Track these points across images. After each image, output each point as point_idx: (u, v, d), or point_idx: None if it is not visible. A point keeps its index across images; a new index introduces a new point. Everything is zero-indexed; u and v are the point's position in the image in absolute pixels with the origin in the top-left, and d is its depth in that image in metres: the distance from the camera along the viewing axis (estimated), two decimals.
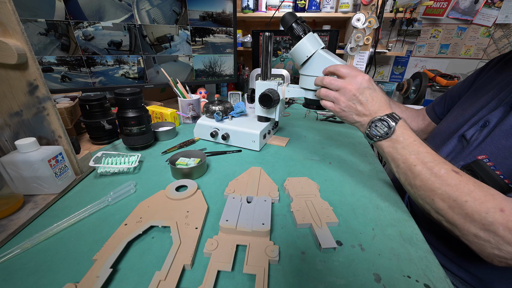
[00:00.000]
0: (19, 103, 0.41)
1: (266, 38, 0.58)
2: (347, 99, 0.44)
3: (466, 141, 0.46)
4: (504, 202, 0.31)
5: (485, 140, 0.42)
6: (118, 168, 0.51)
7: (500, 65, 0.52)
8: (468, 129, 0.47)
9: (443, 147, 0.50)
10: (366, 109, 0.43)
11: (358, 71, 0.44)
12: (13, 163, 0.39)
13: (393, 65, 1.90)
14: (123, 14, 0.77)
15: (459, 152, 0.47)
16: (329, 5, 1.37)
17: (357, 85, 0.43)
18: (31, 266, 0.31)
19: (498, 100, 0.45)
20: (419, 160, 0.37)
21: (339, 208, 0.43)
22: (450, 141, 0.49)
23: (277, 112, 0.63)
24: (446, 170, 0.35)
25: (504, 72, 0.50)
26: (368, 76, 0.44)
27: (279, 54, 1.24)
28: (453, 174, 0.34)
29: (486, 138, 0.42)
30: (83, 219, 0.39)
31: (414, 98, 1.67)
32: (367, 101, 0.43)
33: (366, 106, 0.43)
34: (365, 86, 0.43)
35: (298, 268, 0.31)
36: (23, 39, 0.37)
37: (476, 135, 0.45)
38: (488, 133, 0.43)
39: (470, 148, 0.44)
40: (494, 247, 0.30)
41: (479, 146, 0.43)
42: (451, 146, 0.49)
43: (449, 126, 0.53)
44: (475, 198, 0.32)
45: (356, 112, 0.44)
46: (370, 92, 0.43)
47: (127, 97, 0.57)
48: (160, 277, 0.28)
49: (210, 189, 0.48)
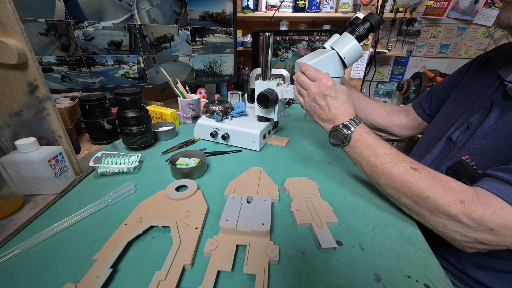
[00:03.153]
0: (19, 103, 0.41)
1: (266, 38, 0.58)
2: (310, 99, 0.48)
3: (452, 143, 0.48)
4: (463, 193, 0.33)
5: (468, 141, 0.44)
6: (118, 168, 0.51)
7: (482, 63, 0.53)
8: (454, 132, 0.49)
9: (432, 149, 0.52)
10: (325, 114, 0.46)
11: (323, 76, 0.46)
12: (13, 163, 0.39)
13: (393, 65, 1.90)
14: (123, 14, 0.77)
15: (447, 154, 0.49)
16: (329, 5, 1.37)
17: (318, 89, 0.46)
18: (31, 266, 0.31)
19: (480, 103, 0.47)
20: (379, 162, 0.40)
21: (339, 208, 0.43)
22: (438, 143, 0.51)
23: (276, 112, 0.63)
24: (404, 168, 0.37)
25: (485, 72, 0.51)
26: (331, 82, 0.45)
27: (279, 54, 1.24)
28: (412, 172, 0.36)
29: (469, 139, 0.45)
30: (83, 219, 0.39)
31: (414, 98, 1.67)
32: (326, 107, 0.46)
33: (324, 111, 0.46)
34: (326, 93, 0.45)
35: (298, 268, 0.31)
36: (23, 39, 0.37)
37: (461, 137, 0.47)
38: (471, 135, 0.45)
39: (455, 150, 0.47)
40: (462, 235, 0.33)
41: (463, 147, 0.45)
42: (439, 148, 0.51)
43: (438, 129, 0.55)
44: (436, 193, 0.34)
45: (317, 115, 0.48)
46: (330, 99, 0.45)
47: (127, 97, 0.57)
48: (160, 277, 0.28)
49: (210, 189, 0.48)
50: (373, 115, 0.69)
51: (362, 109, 0.68)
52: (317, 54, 0.51)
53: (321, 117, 0.47)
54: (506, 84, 0.42)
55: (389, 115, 0.69)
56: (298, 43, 1.20)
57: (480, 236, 0.32)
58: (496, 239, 0.31)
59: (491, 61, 0.51)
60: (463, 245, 0.34)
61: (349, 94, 0.47)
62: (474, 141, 0.44)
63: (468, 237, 0.33)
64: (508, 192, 0.31)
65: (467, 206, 0.32)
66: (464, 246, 0.34)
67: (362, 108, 0.68)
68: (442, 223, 0.34)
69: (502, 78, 0.44)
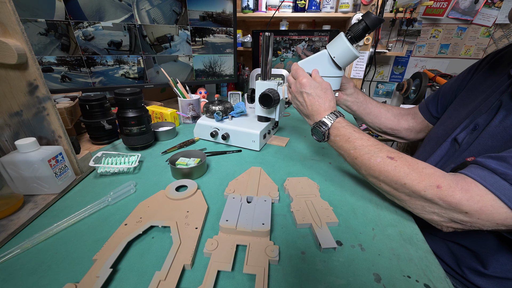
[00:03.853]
0: (19, 103, 0.41)
1: (266, 38, 0.58)
2: (292, 97, 0.53)
3: (458, 144, 0.47)
4: (441, 179, 0.34)
5: (474, 142, 0.44)
6: (118, 168, 0.51)
7: (492, 63, 0.52)
8: (460, 133, 0.48)
9: (437, 150, 0.51)
10: (305, 110, 0.49)
11: (300, 73, 0.50)
12: (13, 163, 0.39)
13: (393, 65, 1.90)
14: (123, 14, 0.77)
15: (451, 155, 0.48)
16: (329, 5, 1.37)
17: (295, 87, 0.50)
18: (31, 266, 0.31)
19: (488, 103, 0.46)
20: (358, 154, 0.42)
21: (339, 208, 0.43)
22: (443, 144, 0.50)
23: (277, 112, 0.63)
24: (381, 158, 0.39)
25: (495, 71, 0.50)
26: (305, 79, 0.48)
27: (279, 54, 1.24)
28: (389, 161, 0.39)
29: (474, 140, 0.44)
30: (83, 219, 0.39)
31: (414, 98, 1.67)
32: (304, 103, 0.49)
33: (303, 107, 0.50)
34: (301, 90, 0.49)
35: (298, 268, 0.31)
36: (23, 39, 0.37)
37: (467, 139, 0.46)
38: (477, 136, 0.44)
39: (460, 151, 0.46)
40: (438, 215, 0.35)
41: (468, 149, 0.44)
42: (444, 149, 0.50)
43: (443, 129, 0.54)
44: (412, 179, 0.36)
45: (300, 111, 0.52)
46: (306, 95, 0.48)
47: (127, 97, 0.57)
48: (160, 277, 0.28)
49: (210, 189, 0.48)
50: (380, 119, 0.68)
51: (369, 113, 0.67)
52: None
53: (303, 112, 0.51)
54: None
55: (396, 119, 0.68)
56: (298, 43, 1.20)
57: (454, 216, 0.34)
58: (470, 220, 0.33)
59: (501, 61, 0.50)
60: (440, 224, 0.36)
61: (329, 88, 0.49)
62: (480, 142, 0.43)
63: (444, 217, 0.35)
64: (491, 180, 0.32)
65: (444, 191, 0.33)
66: (442, 226, 0.36)
67: (369, 112, 0.67)
68: (421, 205, 0.36)
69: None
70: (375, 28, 0.46)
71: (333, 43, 0.49)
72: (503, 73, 0.47)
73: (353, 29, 0.47)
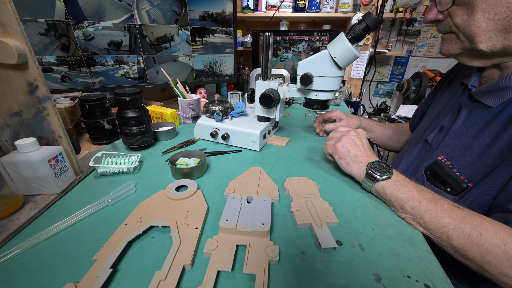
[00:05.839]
0: (19, 103, 0.41)
1: (266, 38, 0.58)
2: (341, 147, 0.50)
3: (429, 145, 0.53)
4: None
5: (442, 142, 0.48)
6: (118, 168, 0.51)
7: (449, 79, 0.60)
8: (429, 134, 0.54)
9: (413, 151, 0.56)
10: (358, 157, 0.48)
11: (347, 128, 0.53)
12: (13, 163, 0.39)
13: (393, 65, 1.90)
14: (123, 14, 0.77)
15: (424, 155, 0.53)
16: (329, 5, 1.37)
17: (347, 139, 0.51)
18: (31, 266, 0.31)
19: (449, 107, 0.53)
20: (422, 196, 0.38)
21: (339, 208, 0.43)
22: (417, 146, 0.56)
23: (278, 112, 0.63)
24: (448, 205, 0.36)
25: (452, 84, 0.58)
26: (353, 132, 0.50)
27: (279, 54, 1.24)
28: (456, 209, 0.35)
29: (442, 140, 0.49)
30: (83, 219, 0.39)
31: (414, 98, 1.67)
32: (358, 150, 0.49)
33: (358, 153, 0.48)
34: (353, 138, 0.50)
35: (298, 268, 0.31)
36: (23, 39, 0.37)
37: (436, 139, 0.52)
38: (444, 136, 0.49)
39: (431, 151, 0.51)
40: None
41: (438, 148, 0.49)
42: (417, 150, 0.56)
43: (417, 133, 0.61)
44: (487, 229, 0.31)
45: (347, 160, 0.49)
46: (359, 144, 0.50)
47: (127, 97, 0.57)
48: (160, 277, 0.28)
49: (210, 189, 0.48)
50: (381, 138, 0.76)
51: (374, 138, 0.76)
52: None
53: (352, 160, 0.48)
54: (470, 88, 0.47)
55: (397, 136, 0.76)
56: (298, 43, 1.20)
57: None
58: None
59: (455, 76, 0.58)
60: None
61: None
62: (447, 142, 0.48)
63: None
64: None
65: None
66: None
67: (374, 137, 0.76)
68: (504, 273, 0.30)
69: (465, 84, 0.50)
70: (376, 28, 0.47)
71: (333, 43, 0.50)
72: (458, 83, 0.55)
73: (353, 29, 0.47)
